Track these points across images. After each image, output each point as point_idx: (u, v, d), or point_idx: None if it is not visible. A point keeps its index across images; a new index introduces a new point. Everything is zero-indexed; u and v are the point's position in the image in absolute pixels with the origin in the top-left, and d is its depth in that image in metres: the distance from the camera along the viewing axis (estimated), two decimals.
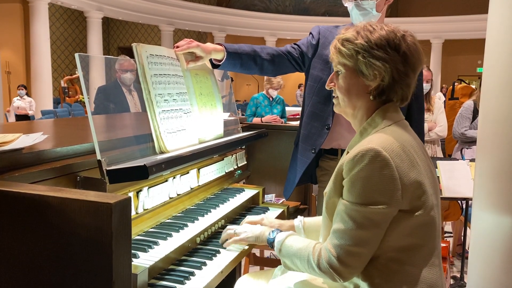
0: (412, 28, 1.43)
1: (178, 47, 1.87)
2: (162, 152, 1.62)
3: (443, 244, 3.01)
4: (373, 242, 1.26)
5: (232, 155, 2.24)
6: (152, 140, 1.61)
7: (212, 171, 2.02)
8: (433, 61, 19.20)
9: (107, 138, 1.50)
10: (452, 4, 20.08)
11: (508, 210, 1.99)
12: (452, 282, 3.47)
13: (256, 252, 3.25)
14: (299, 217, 1.71)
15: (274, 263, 2.89)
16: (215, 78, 2.11)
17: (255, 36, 19.81)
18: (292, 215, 2.40)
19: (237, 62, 2.01)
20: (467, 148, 3.95)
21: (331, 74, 1.44)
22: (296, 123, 3.14)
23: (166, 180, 1.65)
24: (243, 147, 2.39)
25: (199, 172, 1.90)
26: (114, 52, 20.47)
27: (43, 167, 1.26)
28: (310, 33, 2.20)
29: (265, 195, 2.30)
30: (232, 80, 2.65)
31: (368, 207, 1.23)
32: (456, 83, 5.38)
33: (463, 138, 4.08)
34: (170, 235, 1.53)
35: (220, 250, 1.60)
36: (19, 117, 10.33)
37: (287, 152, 2.43)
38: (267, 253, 3.57)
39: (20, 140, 1.28)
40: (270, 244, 1.52)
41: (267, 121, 4.79)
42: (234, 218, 1.95)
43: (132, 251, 1.29)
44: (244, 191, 2.19)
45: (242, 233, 1.61)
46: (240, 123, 2.47)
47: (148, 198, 1.55)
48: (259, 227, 1.62)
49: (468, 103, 4.15)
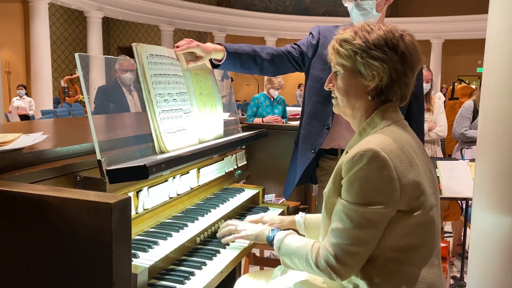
0: (412, 28, 1.43)
1: (178, 47, 1.87)
2: (162, 152, 1.62)
3: (443, 244, 3.01)
4: (371, 242, 1.27)
5: (232, 155, 2.24)
6: (152, 140, 1.62)
7: (212, 171, 2.02)
8: (433, 61, 19.20)
9: (107, 138, 1.50)
10: (452, 4, 20.08)
11: (508, 210, 1.99)
12: (452, 282, 3.47)
13: (256, 252, 3.25)
14: (300, 213, 1.72)
15: (274, 263, 2.89)
16: (215, 78, 2.11)
17: (255, 36, 19.80)
18: (292, 215, 2.41)
19: (237, 62, 2.01)
20: (467, 148, 3.95)
21: (330, 75, 1.44)
22: (296, 123, 3.14)
23: (166, 180, 1.66)
24: (243, 147, 2.39)
25: (199, 172, 1.90)
26: (114, 52, 20.47)
27: (43, 167, 1.26)
28: (310, 33, 2.20)
29: (265, 195, 2.30)
30: (232, 80, 2.65)
31: (366, 207, 1.24)
32: (456, 83, 5.38)
33: (463, 138, 4.08)
34: (170, 235, 1.53)
35: (220, 250, 1.60)
36: (20, 117, 10.32)
37: (287, 152, 2.43)
38: (267, 253, 3.57)
39: (20, 140, 1.28)
40: (270, 243, 1.52)
41: (269, 121, 4.78)
42: (234, 218, 1.94)
43: (132, 251, 1.29)
44: (244, 191, 2.19)
45: (242, 230, 1.62)
46: (240, 123, 2.47)
47: (148, 198, 1.55)
48: (259, 225, 1.63)
49: (468, 103, 4.15)
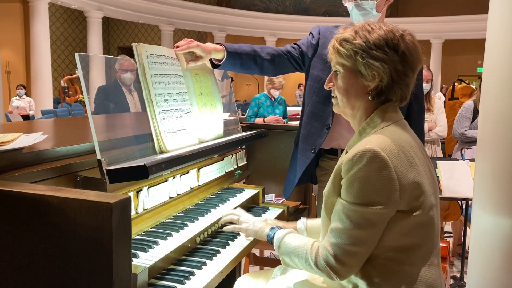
0: (412, 28, 1.43)
1: (178, 47, 1.87)
2: (162, 152, 1.62)
3: (443, 244, 3.01)
4: (370, 242, 1.27)
5: (232, 155, 2.24)
6: (152, 140, 1.62)
7: (212, 171, 2.02)
8: (433, 61, 19.19)
9: (107, 138, 1.50)
10: (452, 4, 20.08)
11: (508, 210, 1.99)
12: (452, 282, 3.47)
13: (256, 252, 3.25)
14: (302, 218, 1.71)
15: (273, 263, 2.89)
16: (215, 78, 2.11)
17: (255, 36, 19.80)
18: (292, 215, 2.41)
19: (237, 62, 2.01)
20: (467, 148, 3.95)
21: (330, 74, 1.44)
22: (296, 123, 3.14)
23: (166, 180, 1.66)
24: (243, 147, 2.39)
25: (199, 172, 1.90)
26: (114, 52, 20.47)
27: (43, 166, 1.26)
28: (310, 33, 2.19)
29: (265, 195, 2.30)
30: (232, 80, 2.65)
31: (365, 207, 1.24)
32: (456, 83, 5.38)
33: (463, 138, 4.08)
34: (170, 235, 1.53)
35: (220, 250, 1.60)
36: (22, 117, 10.29)
37: (287, 152, 2.43)
38: (267, 253, 3.58)
39: (20, 140, 1.28)
40: (270, 241, 1.52)
41: (270, 121, 4.77)
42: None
43: (132, 250, 1.29)
44: (244, 191, 2.19)
45: (243, 222, 1.64)
46: (240, 123, 2.47)
47: (148, 198, 1.55)
48: (260, 222, 1.63)
49: (468, 103, 4.15)
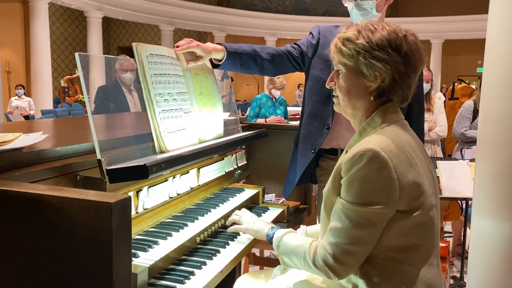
0: (412, 28, 1.43)
1: (178, 46, 1.87)
2: (162, 152, 1.62)
3: (443, 244, 3.01)
4: (369, 242, 1.27)
5: (232, 155, 2.24)
6: (152, 139, 1.62)
7: (212, 171, 2.02)
8: (433, 61, 19.19)
9: (107, 138, 1.50)
10: (452, 4, 20.08)
11: (508, 210, 1.99)
12: (452, 282, 3.47)
13: (256, 252, 3.25)
14: (302, 226, 1.71)
15: (273, 263, 2.89)
16: (215, 77, 2.11)
17: (255, 36, 19.80)
18: (292, 215, 2.40)
19: (237, 62, 2.01)
20: (467, 148, 3.96)
21: (332, 73, 1.43)
22: (296, 123, 3.14)
23: (166, 180, 1.65)
24: (243, 146, 2.39)
25: (199, 171, 1.90)
26: (114, 51, 20.47)
27: (43, 166, 1.26)
28: (310, 32, 2.19)
29: (265, 195, 2.30)
30: (232, 80, 2.65)
31: (365, 207, 1.23)
32: (456, 83, 5.38)
33: (463, 138, 4.08)
34: (170, 235, 1.53)
35: (220, 250, 1.60)
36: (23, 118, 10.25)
37: (287, 152, 2.43)
38: (267, 253, 3.58)
39: (20, 140, 1.28)
40: (269, 240, 1.52)
41: (272, 122, 4.76)
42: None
43: (132, 250, 1.29)
44: (244, 190, 2.19)
45: (244, 222, 1.65)
46: (240, 123, 2.47)
47: (148, 198, 1.55)
48: (260, 222, 1.63)
49: (468, 103, 4.15)
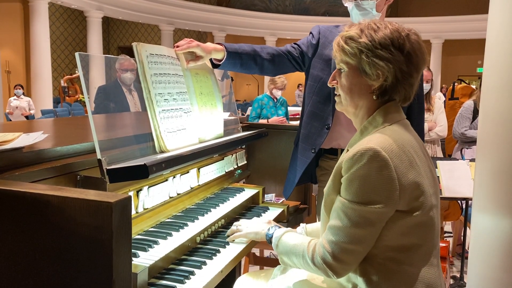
0: None
1: (178, 46, 1.87)
2: (162, 152, 1.62)
3: (443, 244, 3.00)
4: (368, 241, 1.27)
5: (232, 155, 2.24)
6: (152, 139, 1.62)
7: (212, 171, 2.02)
8: (433, 61, 19.19)
9: (107, 138, 1.50)
10: (452, 4, 20.08)
11: (508, 210, 1.99)
12: (452, 282, 3.47)
13: (256, 252, 3.25)
14: (301, 224, 1.71)
15: (273, 262, 2.89)
16: (215, 77, 2.11)
17: (255, 36, 19.80)
18: (292, 215, 2.41)
19: (237, 61, 2.01)
20: (467, 148, 3.96)
21: (334, 71, 1.43)
22: (296, 123, 3.14)
23: (166, 180, 1.66)
24: (243, 146, 2.39)
25: (199, 171, 1.90)
26: (114, 51, 20.46)
27: (44, 166, 1.26)
28: (310, 32, 2.19)
29: (265, 195, 2.30)
30: (232, 79, 2.65)
31: (364, 206, 1.23)
32: (456, 83, 5.38)
33: (463, 138, 4.08)
34: (170, 235, 1.53)
35: (220, 250, 1.60)
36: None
37: (287, 152, 2.43)
38: (267, 252, 3.58)
39: (21, 139, 1.28)
40: (269, 240, 1.53)
41: (274, 123, 4.75)
42: (234, 218, 1.95)
43: (132, 250, 1.28)
44: (244, 190, 2.19)
45: (243, 227, 1.66)
46: (240, 123, 2.47)
47: (148, 198, 1.55)
48: (259, 224, 1.63)
49: (468, 103, 4.15)
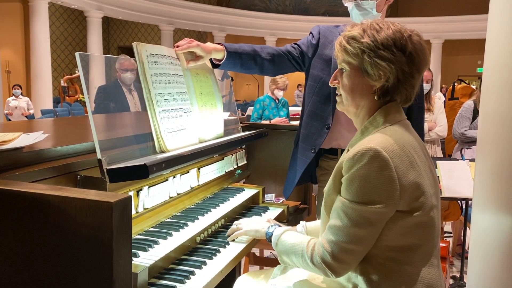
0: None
1: (178, 46, 1.87)
2: (162, 152, 1.62)
3: (443, 244, 3.01)
4: (367, 241, 1.27)
5: (232, 155, 2.24)
6: (152, 139, 1.62)
7: (212, 171, 2.02)
8: (433, 61, 19.15)
9: (107, 137, 1.50)
10: (452, 4, 20.09)
11: (508, 210, 1.99)
12: (452, 282, 3.47)
13: (256, 251, 3.25)
14: (301, 222, 1.71)
15: (273, 262, 2.89)
16: (215, 77, 2.11)
17: (255, 36, 19.81)
18: (292, 215, 2.40)
19: (237, 61, 2.01)
20: (467, 148, 3.96)
21: (335, 71, 1.43)
22: (296, 123, 3.14)
23: (166, 180, 1.66)
24: (243, 146, 2.39)
25: (199, 171, 1.90)
26: (114, 51, 20.47)
27: (44, 166, 1.26)
28: (310, 32, 2.19)
29: (265, 195, 2.30)
30: (232, 79, 2.65)
31: (365, 206, 1.23)
32: (456, 83, 5.38)
33: (463, 138, 4.08)
34: (170, 234, 1.53)
35: (220, 250, 1.60)
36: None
37: (287, 152, 2.43)
38: (267, 252, 3.58)
39: (21, 139, 1.28)
40: (268, 239, 1.53)
41: (277, 124, 4.74)
42: (234, 218, 1.95)
43: (133, 250, 1.29)
44: (244, 190, 2.19)
45: (244, 225, 1.67)
46: (240, 123, 2.47)
47: (148, 197, 1.55)
48: (260, 222, 1.63)
49: (468, 103, 4.15)
